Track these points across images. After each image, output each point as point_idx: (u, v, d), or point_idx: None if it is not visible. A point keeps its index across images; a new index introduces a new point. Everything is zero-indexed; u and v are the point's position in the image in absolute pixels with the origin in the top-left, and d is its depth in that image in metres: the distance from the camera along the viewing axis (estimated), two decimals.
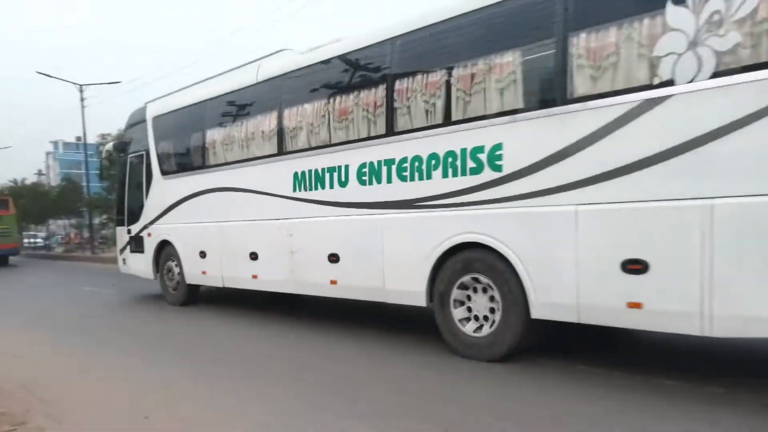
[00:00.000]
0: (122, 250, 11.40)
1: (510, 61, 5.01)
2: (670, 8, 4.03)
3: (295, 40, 30.95)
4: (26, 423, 4.24)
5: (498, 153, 5.08)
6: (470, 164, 5.29)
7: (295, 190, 7.22)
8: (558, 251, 4.70)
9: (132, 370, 5.81)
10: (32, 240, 39.30)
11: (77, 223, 40.34)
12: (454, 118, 5.47)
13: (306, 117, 7.04)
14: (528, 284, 4.89)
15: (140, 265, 10.80)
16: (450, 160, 5.45)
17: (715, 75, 3.83)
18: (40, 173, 59.71)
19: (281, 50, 8.17)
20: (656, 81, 4.12)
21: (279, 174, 7.43)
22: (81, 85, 29.27)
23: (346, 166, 6.53)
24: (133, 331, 8.01)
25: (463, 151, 5.33)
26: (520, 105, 4.97)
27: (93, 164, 33.17)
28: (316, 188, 6.94)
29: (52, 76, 28.74)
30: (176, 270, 9.82)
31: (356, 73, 6.51)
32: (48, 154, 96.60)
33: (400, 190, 5.93)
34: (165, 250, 10.06)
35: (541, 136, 4.78)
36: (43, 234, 42.74)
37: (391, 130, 6.00)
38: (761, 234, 3.67)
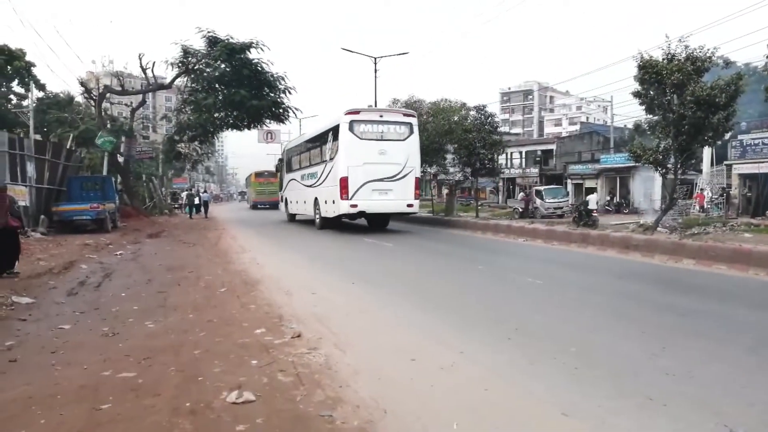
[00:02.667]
0: (281, 202, 27.97)
1: (316, 148, 20.47)
2: (329, 144, 18.48)
3: None
4: (318, 348, 5.03)
5: (322, 172, 19.07)
6: (318, 176, 19.59)
7: (305, 180, 21.61)
8: (324, 197, 18.70)
9: (397, 310, 6.92)
10: None
11: None
12: (314, 162, 20.46)
13: (308, 153, 21.81)
14: (320, 206, 19.11)
15: (283, 207, 26.85)
16: (315, 173, 20.05)
17: (331, 160, 18.30)
18: None
19: (302, 134, 27.29)
20: (327, 158, 18.69)
21: (304, 173, 21.83)
22: (375, 58, 32.07)
23: (305, 173, 21.70)
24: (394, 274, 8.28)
25: (315, 171, 20.17)
26: (316, 162, 20.25)
27: None
28: (306, 181, 21.28)
29: (352, 51, 32.14)
30: (289, 208, 25.08)
31: (305, 146, 22.57)
32: None
33: (309, 181, 20.77)
34: (286, 201, 25.70)
35: (319, 171, 19.50)
36: None
37: (314, 162, 20.55)
38: (323, 194, 19.17)
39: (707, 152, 30.35)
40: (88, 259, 11.95)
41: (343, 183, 16.76)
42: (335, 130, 17.53)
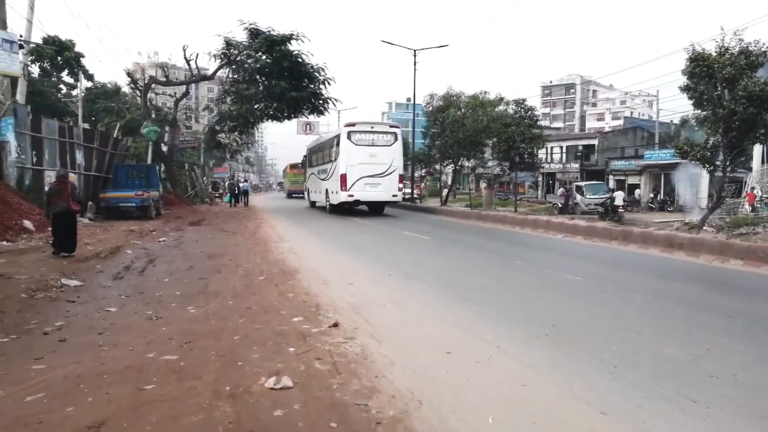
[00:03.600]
0: (305, 192, 33.19)
1: (326, 150, 25.43)
2: (334, 148, 23.29)
3: None
4: (354, 338, 5.10)
5: (330, 169, 23.81)
6: (327, 172, 24.38)
7: (319, 175, 26.60)
8: (331, 188, 23.37)
9: (433, 303, 6.94)
10: None
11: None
12: (326, 161, 25.22)
13: (321, 153, 26.84)
14: (329, 195, 23.77)
15: (306, 196, 32.56)
16: (325, 169, 24.94)
17: (335, 161, 22.99)
18: None
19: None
20: (333, 159, 23.43)
21: (318, 169, 26.93)
22: (414, 50, 31.89)
23: (320, 169, 26.56)
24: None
25: (325, 168, 25.00)
26: (326, 161, 24.93)
27: (419, 122, 36.30)
28: (320, 176, 26.26)
29: (392, 43, 32.25)
30: (310, 197, 30.47)
31: (320, 147, 27.74)
32: (383, 114, 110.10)
33: (322, 175, 25.71)
34: (308, 191, 31.31)
35: (328, 168, 24.13)
36: None
37: (325, 161, 25.27)
38: (330, 186, 23.62)
39: (758, 150, 29.10)
40: (133, 245, 12.30)
41: (343, 179, 21.54)
42: (338, 138, 22.72)
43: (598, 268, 10.03)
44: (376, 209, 23.99)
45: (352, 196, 21.59)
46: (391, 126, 23.88)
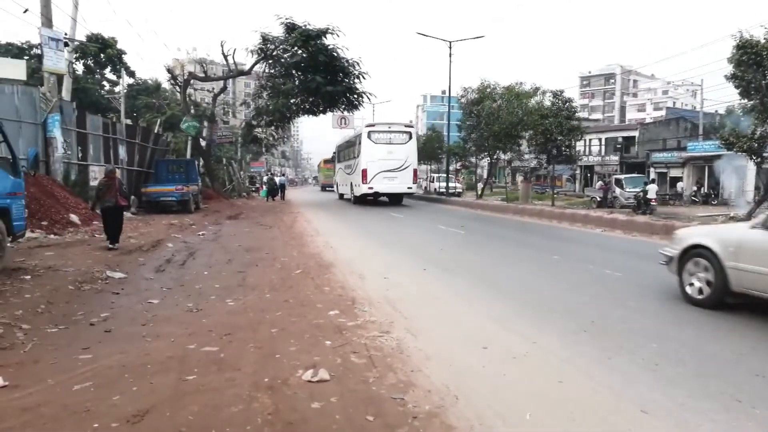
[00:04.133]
0: (334, 185, 37.74)
1: (350, 148, 29.48)
2: (357, 146, 26.94)
3: None
4: (390, 332, 5.13)
5: (354, 164, 27.33)
6: (352, 167, 28.02)
7: (345, 170, 30.60)
8: (356, 181, 26.37)
9: (469, 297, 6.92)
10: None
11: (435, 168, 45.17)
12: (350, 157, 28.84)
13: (347, 151, 30.95)
14: (355, 187, 26.45)
15: (335, 188, 37.11)
16: (350, 165, 28.70)
17: (357, 157, 26.56)
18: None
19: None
20: (356, 155, 26.81)
21: (345, 164, 31.08)
22: (450, 42, 31.61)
23: (346, 164, 30.54)
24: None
25: (350, 164, 28.76)
26: (351, 157, 28.67)
27: (455, 115, 35.98)
28: (346, 170, 30.28)
29: (427, 35, 32.46)
30: (339, 189, 34.24)
31: (346, 145, 32.02)
32: (418, 106, 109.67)
33: (348, 170, 29.61)
34: (337, 184, 35.83)
35: (352, 163, 27.80)
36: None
37: (350, 157, 29.00)
38: (354, 180, 27.12)
39: None
40: (173, 239, 12.60)
41: (364, 173, 24.63)
42: (359, 137, 26.06)
43: (638, 263, 9.81)
44: (394, 200, 26.85)
45: (372, 188, 24.63)
46: (406, 126, 26.75)
